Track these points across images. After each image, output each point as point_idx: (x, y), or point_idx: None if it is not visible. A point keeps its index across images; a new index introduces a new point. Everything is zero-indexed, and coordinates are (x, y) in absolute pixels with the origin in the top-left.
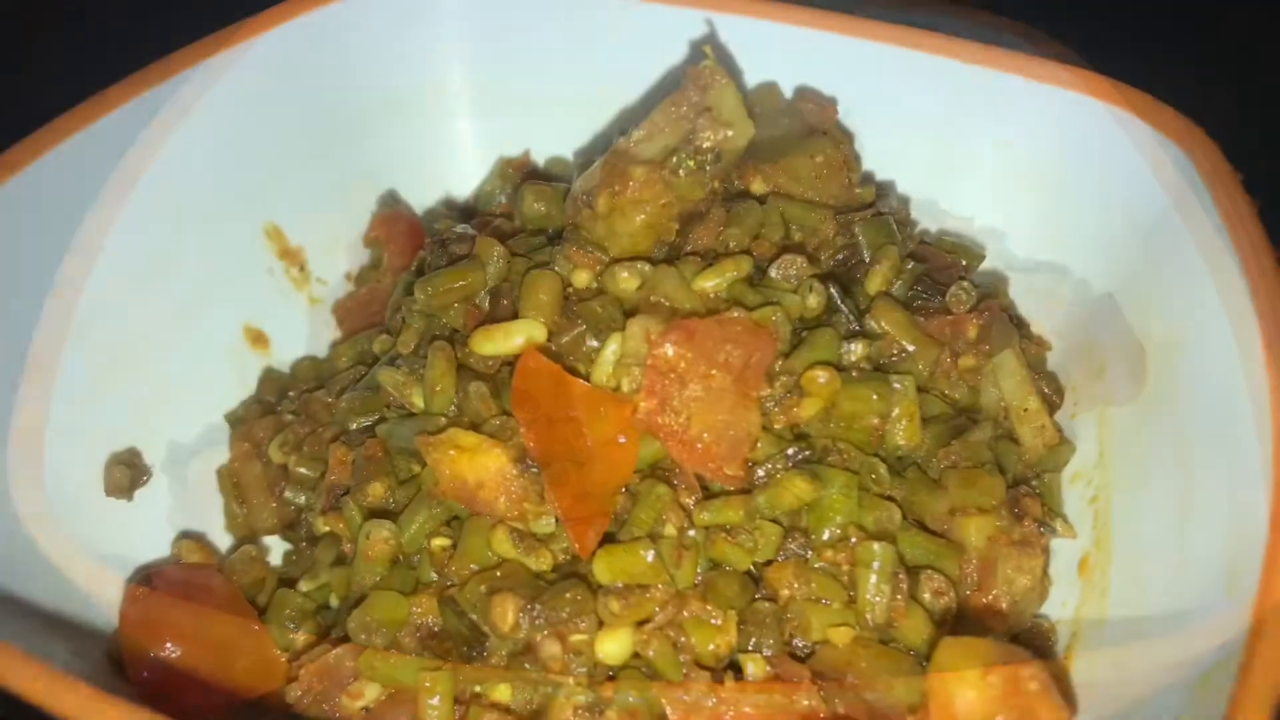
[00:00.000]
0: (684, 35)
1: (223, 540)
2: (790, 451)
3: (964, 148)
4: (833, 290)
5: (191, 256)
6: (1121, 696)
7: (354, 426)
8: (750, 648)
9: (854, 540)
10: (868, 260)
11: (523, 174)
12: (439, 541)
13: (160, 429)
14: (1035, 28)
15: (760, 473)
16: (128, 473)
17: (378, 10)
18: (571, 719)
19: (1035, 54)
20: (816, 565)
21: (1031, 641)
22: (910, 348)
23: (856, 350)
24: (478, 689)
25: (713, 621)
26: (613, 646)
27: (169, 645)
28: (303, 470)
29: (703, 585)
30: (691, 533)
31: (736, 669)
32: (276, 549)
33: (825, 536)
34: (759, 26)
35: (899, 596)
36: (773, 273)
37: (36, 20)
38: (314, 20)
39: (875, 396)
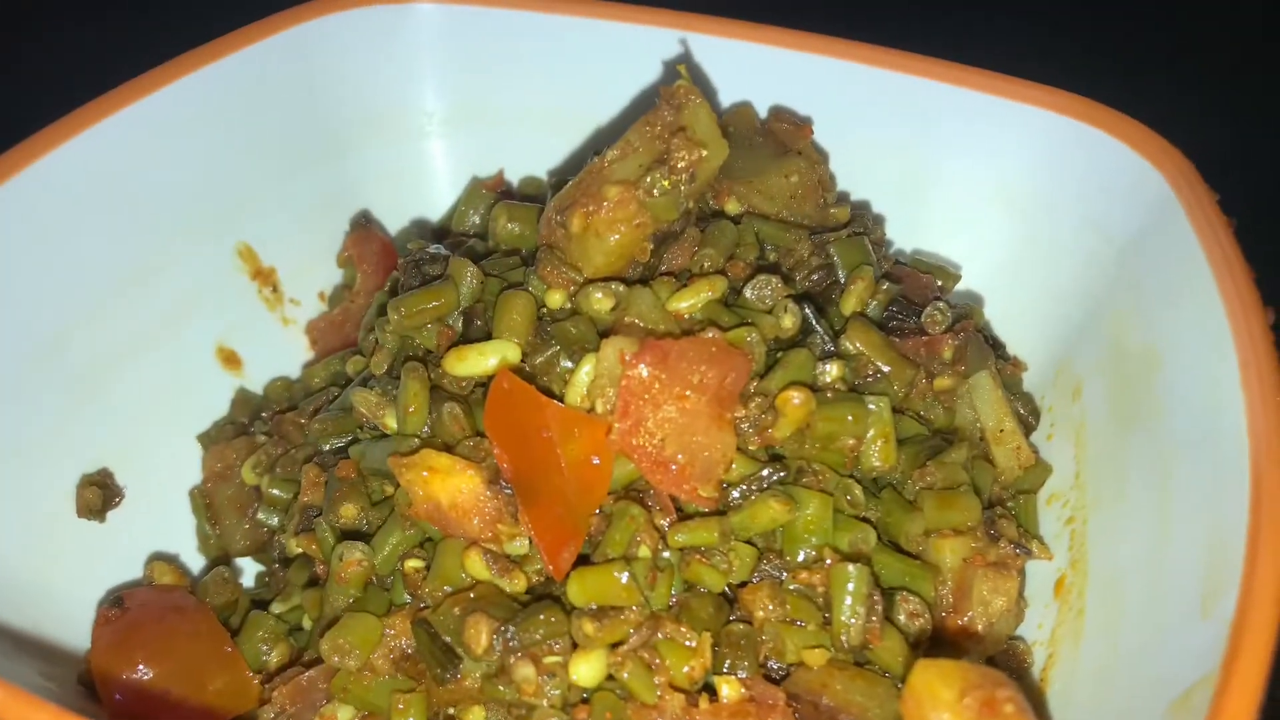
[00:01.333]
0: (658, 55)
1: (195, 562)
2: (765, 473)
3: (939, 167)
4: (807, 311)
5: (164, 276)
6: (1097, 718)
7: (327, 448)
8: (725, 670)
9: (829, 562)
10: (843, 281)
11: (496, 194)
12: (412, 563)
13: (132, 450)
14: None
15: (735, 494)
16: (99, 494)
17: (350, 30)
18: None
19: (1010, 73)
20: (791, 587)
21: (1007, 663)
22: (885, 368)
23: (831, 371)
24: (451, 711)
25: (687, 643)
26: (587, 669)
27: (141, 667)
28: (275, 491)
29: (677, 607)
30: (666, 554)
31: (711, 691)
32: (249, 570)
33: (800, 558)
34: (733, 46)
35: (874, 618)
36: (747, 293)
37: (10, 35)
38: (286, 40)
39: (850, 417)
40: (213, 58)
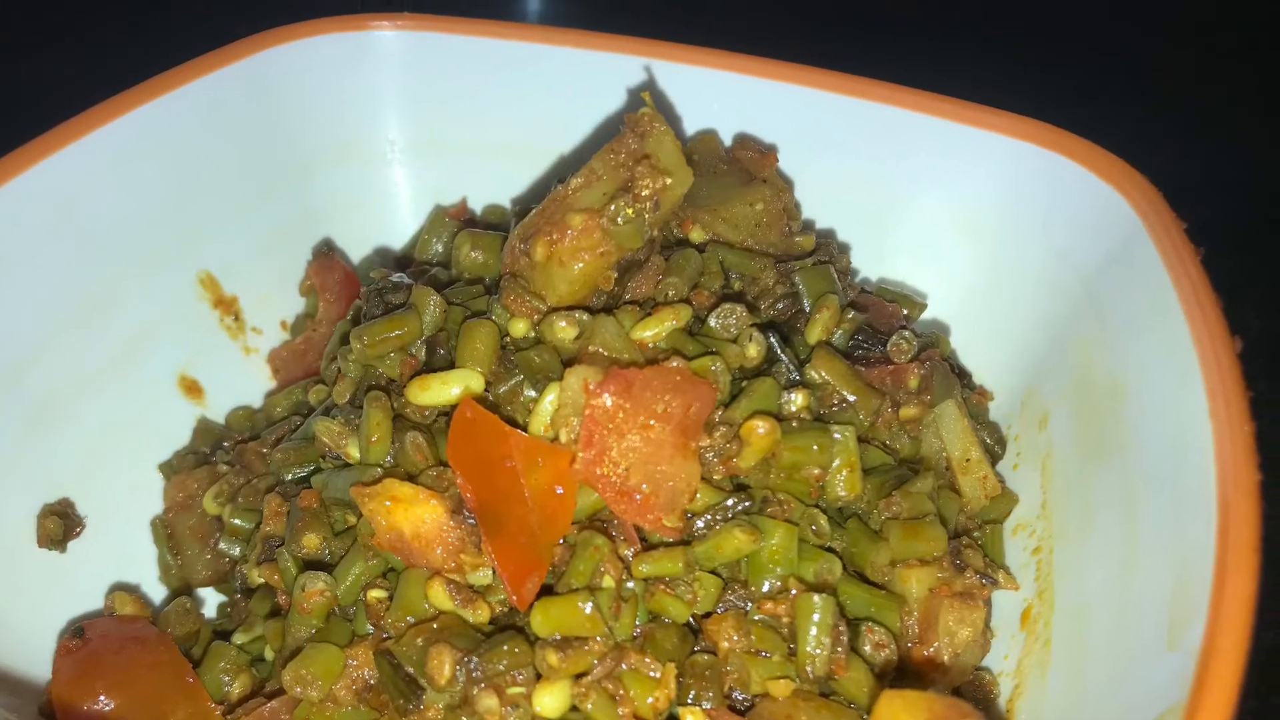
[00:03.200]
0: (622, 82)
1: (157, 592)
2: (730, 502)
3: (905, 195)
4: (772, 339)
5: (125, 305)
6: None
7: (289, 477)
8: (689, 700)
9: (794, 592)
10: (808, 309)
11: (459, 222)
12: (375, 593)
13: (93, 479)
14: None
15: (699, 524)
16: (60, 523)
17: (312, 57)
18: None
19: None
20: (756, 617)
21: (974, 694)
22: (851, 398)
23: (797, 400)
24: None
25: (651, 674)
26: (550, 699)
27: (102, 698)
28: (237, 521)
29: (641, 637)
30: (630, 584)
31: None
32: (211, 601)
33: (765, 588)
34: (698, 73)
35: (839, 649)
36: (712, 322)
37: None
38: (249, 67)
39: (816, 447)
40: (173, 85)
